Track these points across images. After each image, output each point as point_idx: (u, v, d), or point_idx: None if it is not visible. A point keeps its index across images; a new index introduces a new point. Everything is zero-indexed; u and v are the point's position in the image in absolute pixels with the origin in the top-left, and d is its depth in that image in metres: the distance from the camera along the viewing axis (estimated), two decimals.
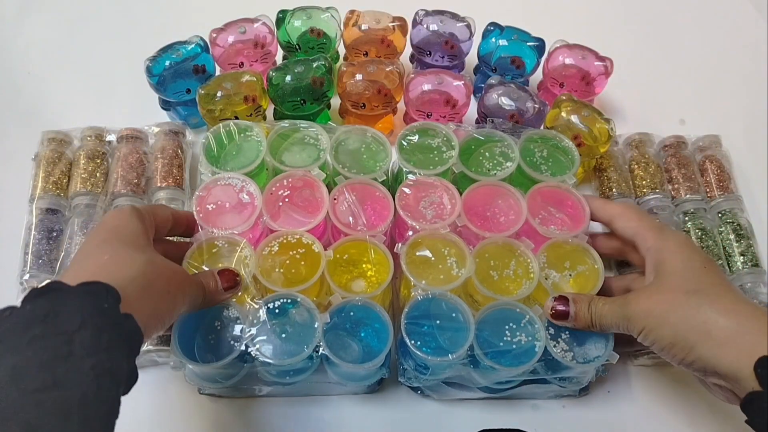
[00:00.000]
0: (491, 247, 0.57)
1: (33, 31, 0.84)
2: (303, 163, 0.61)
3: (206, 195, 0.58)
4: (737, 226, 0.66)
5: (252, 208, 0.57)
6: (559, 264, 0.56)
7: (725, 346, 0.44)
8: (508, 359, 0.51)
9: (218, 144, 0.62)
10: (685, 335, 0.45)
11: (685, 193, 0.69)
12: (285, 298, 0.53)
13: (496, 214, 0.59)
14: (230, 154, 0.62)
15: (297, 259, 0.55)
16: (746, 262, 0.64)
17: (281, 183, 0.59)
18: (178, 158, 0.68)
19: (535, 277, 0.55)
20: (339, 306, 0.53)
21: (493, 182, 0.61)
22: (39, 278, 0.60)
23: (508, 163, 0.62)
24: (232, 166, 0.61)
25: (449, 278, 0.54)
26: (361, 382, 0.56)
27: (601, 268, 0.55)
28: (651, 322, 0.47)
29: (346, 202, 0.58)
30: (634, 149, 0.72)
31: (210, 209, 0.57)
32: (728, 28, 0.90)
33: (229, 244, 0.55)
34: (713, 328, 0.45)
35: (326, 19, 0.73)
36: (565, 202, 0.61)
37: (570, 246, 0.57)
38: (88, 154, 0.67)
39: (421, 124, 0.65)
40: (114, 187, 0.64)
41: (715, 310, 0.45)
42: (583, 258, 0.57)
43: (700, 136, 0.73)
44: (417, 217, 0.58)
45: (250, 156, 0.61)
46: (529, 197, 0.59)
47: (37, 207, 0.64)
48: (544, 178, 0.61)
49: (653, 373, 0.61)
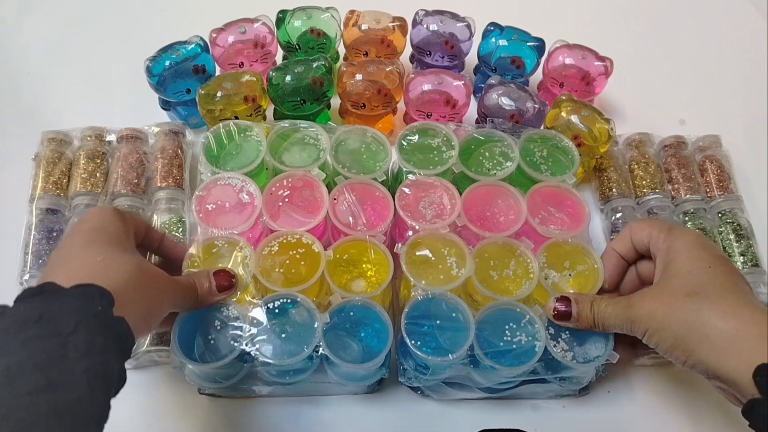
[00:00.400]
0: (491, 247, 0.57)
1: (33, 31, 0.84)
2: (303, 163, 0.61)
3: (206, 195, 0.58)
4: (737, 226, 0.66)
5: (252, 207, 0.57)
6: (559, 264, 0.56)
7: (724, 351, 0.43)
8: (508, 359, 0.51)
9: (218, 144, 0.62)
10: (685, 339, 0.45)
11: (685, 193, 0.69)
12: (285, 298, 0.53)
13: (496, 214, 0.60)
14: (230, 154, 0.62)
15: (297, 259, 0.55)
16: (746, 262, 0.64)
17: (281, 183, 0.59)
18: (178, 158, 0.67)
19: (534, 277, 0.55)
20: (339, 306, 0.53)
21: (492, 182, 0.61)
22: (39, 278, 0.60)
23: (508, 163, 0.62)
24: (232, 165, 0.61)
25: (449, 278, 0.54)
26: (360, 382, 0.56)
27: (600, 267, 0.55)
28: (653, 324, 0.47)
29: (346, 202, 0.58)
30: (634, 149, 0.72)
31: (210, 209, 0.57)
32: (728, 28, 0.90)
33: (228, 244, 0.55)
34: (712, 332, 0.44)
35: (326, 19, 0.73)
36: (565, 202, 0.61)
37: (570, 246, 0.57)
38: (88, 154, 0.67)
39: (421, 124, 0.65)
40: (114, 187, 0.64)
41: (714, 314, 0.44)
42: (582, 258, 0.57)
43: (700, 136, 0.73)
44: (417, 217, 0.58)
45: (250, 156, 0.61)
46: (528, 197, 0.59)
47: (37, 207, 0.64)
48: (544, 178, 0.61)
49: (653, 373, 0.61)
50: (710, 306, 0.45)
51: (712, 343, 0.44)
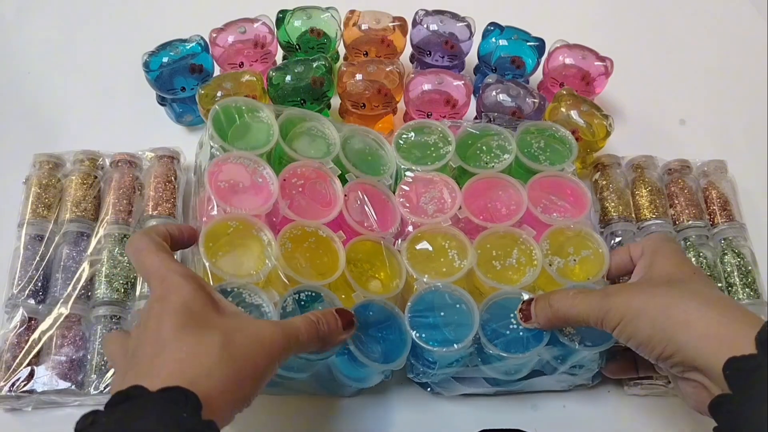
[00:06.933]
0: (493, 237, 0.57)
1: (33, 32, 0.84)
2: (315, 154, 0.59)
3: (217, 171, 0.54)
4: (740, 255, 0.65)
5: (268, 191, 0.55)
6: (563, 250, 0.56)
7: (705, 337, 0.41)
8: (514, 347, 0.51)
9: (227, 119, 0.58)
10: (664, 326, 0.43)
11: (687, 219, 0.66)
12: (309, 291, 0.51)
13: (497, 205, 0.59)
14: (238, 132, 0.58)
15: (319, 253, 0.54)
16: (749, 292, 0.63)
17: (294, 171, 0.57)
18: (171, 184, 0.65)
19: (538, 263, 0.55)
20: (360, 305, 0.53)
21: (492, 174, 0.61)
22: (26, 306, 0.58)
23: (506, 155, 0.62)
24: (242, 145, 0.57)
25: (451, 270, 0.54)
26: (362, 383, 0.56)
27: (605, 252, 0.55)
28: (630, 312, 0.45)
29: (358, 200, 0.58)
30: (636, 172, 0.70)
31: (222, 187, 0.54)
32: (728, 28, 0.90)
33: (243, 225, 0.52)
34: (693, 318, 0.42)
35: (326, 19, 0.73)
36: (566, 189, 0.60)
37: (573, 232, 0.57)
38: (81, 178, 0.64)
39: (416, 123, 0.65)
40: (106, 214, 0.62)
41: (696, 301, 0.43)
42: (586, 243, 0.56)
43: (705, 161, 0.71)
44: (418, 213, 0.58)
45: (260, 138, 0.58)
46: (529, 187, 0.59)
47: (27, 233, 0.61)
48: (543, 168, 0.61)
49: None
50: (693, 295, 0.44)
51: (692, 330, 0.42)
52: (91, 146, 0.67)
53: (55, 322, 0.57)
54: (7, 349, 0.56)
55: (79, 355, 0.57)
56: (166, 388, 0.36)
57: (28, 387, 0.55)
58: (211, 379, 0.38)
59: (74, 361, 0.56)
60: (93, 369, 0.56)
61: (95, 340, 0.57)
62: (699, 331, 0.42)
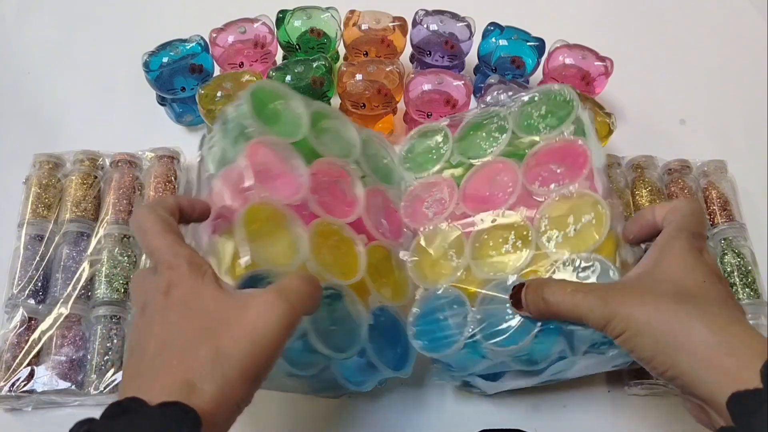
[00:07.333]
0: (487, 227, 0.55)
1: (33, 32, 0.84)
2: (339, 153, 0.57)
3: (254, 152, 0.50)
4: (740, 255, 0.64)
5: (297, 182, 0.53)
6: (563, 222, 0.52)
7: (708, 365, 0.39)
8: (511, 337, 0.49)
9: (260, 101, 0.54)
10: (667, 348, 0.40)
11: None
12: (332, 289, 0.50)
13: (495, 192, 0.57)
14: (271, 117, 0.55)
15: (341, 253, 0.53)
16: (748, 292, 0.62)
17: (322, 167, 0.55)
18: (171, 184, 0.65)
19: (532, 242, 0.52)
20: (377, 308, 0.53)
21: (489, 162, 0.58)
22: (26, 306, 0.58)
23: (504, 135, 0.59)
24: (276, 131, 0.54)
25: (450, 271, 0.55)
26: (359, 387, 0.56)
27: (607, 212, 0.50)
28: (633, 328, 0.41)
29: (374, 205, 0.58)
30: (636, 172, 0.69)
31: (259, 169, 0.50)
32: (728, 28, 0.90)
33: (275, 213, 0.50)
34: (697, 342, 0.39)
35: (326, 19, 0.73)
36: (564, 153, 0.56)
37: (571, 199, 0.53)
38: (81, 178, 0.64)
39: (417, 131, 0.64)
40: (106, 214, 0.62)
41: (704, 325, 0.40)
42: (586, 207, 0.52)
43: (705, 161, 0.71)
44: (421, 220, 0.58)
45: (290, 128, 0.55)
46: (524, 165, 0.56)
47: (27, 233, 0.61)
48: (541, 138, 0.57)
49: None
50: (700, 316, 0.41)
51: (696, 355, 0.39)
52: (91, 146, 0.67)
53: (55, 322, 0.57)
54: (7, 349, 0.56)
55: (79, 355, 0.57)
56: (165, 404, 0.35)
57: (28, 387, 0.55)
58: (212, 384, 0.37)
59: (74, 361, 0.57)
60: (93, 369, 0.56)
61: (95, 340, 0.57)
62: (703, 360, 0.39)
